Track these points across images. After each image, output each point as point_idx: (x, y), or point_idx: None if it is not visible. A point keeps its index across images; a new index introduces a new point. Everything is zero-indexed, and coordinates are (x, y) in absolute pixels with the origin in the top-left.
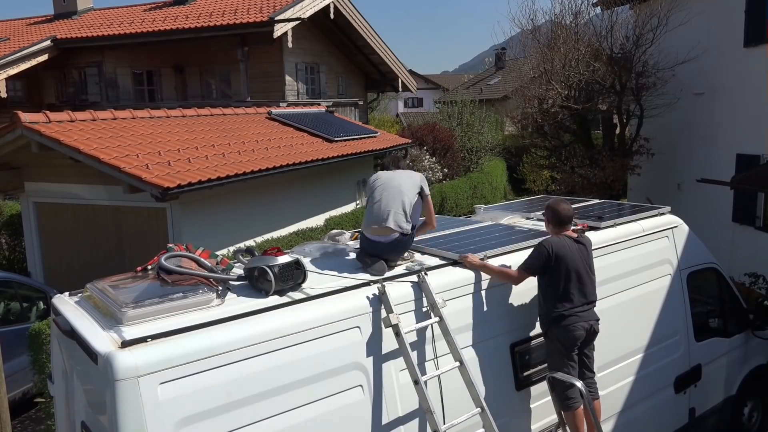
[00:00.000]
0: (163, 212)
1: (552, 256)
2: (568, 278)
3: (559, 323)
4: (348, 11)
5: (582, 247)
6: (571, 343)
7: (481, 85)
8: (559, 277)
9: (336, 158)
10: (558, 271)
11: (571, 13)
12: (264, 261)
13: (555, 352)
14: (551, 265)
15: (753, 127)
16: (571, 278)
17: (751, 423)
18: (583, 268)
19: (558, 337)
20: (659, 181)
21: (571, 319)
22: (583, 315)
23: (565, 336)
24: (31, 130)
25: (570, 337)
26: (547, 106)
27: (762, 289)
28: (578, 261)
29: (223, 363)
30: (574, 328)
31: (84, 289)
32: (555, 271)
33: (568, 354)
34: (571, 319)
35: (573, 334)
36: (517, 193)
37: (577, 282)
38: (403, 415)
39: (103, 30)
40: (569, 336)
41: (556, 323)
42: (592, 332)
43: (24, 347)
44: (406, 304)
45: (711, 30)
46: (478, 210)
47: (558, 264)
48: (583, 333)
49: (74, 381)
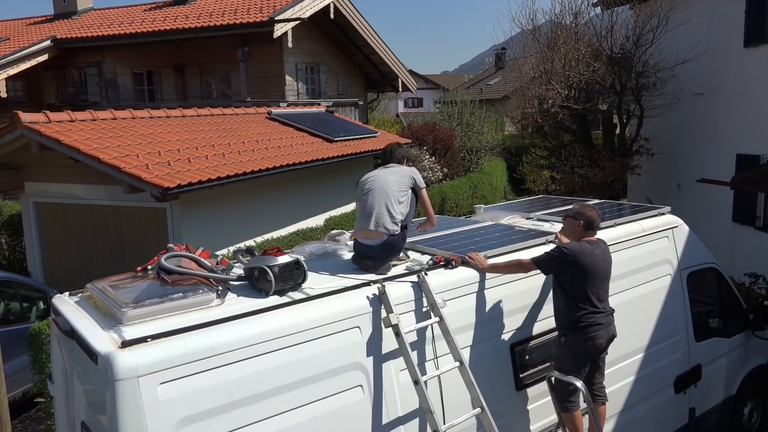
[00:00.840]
0: (163, 212)
1: (570, 261)
2: (592, 286)
3: (582, 332)
4: (348, 11)
5: (604, 250)
6: (593, 353)
7: (481, 85)
8: (581, 285)
9: (336, 158)
10: (579, 278)
11: (571, 13)
12: (264, 261)
13: (567, 357)
14: (569, 271)
15: (753, 127)
16: (594, 286)
17: (751, 423)
18: (602, 273)
19: (579, 346)
20: (659, 181)
21: (594, 328)
22: (606, 322)
23: (587, 345)
24: (31, 130)
25: (592, 347)
26: (547, 106)
27: (762, 289)
28: (599, 267)
29: (223, 363)
30: (597, 337)
31: (84, 289)
32: (576, 278)
33: (582, 363)
34: (595, 328)
35: (595, 343)
36: (517, 193)
37: (600, 289)
38: (403, 415)
39: (103, 30)
40: (592, 345)
41: (579, 331)
42: (611, 340)
43: (24, 347)
44: (406, 304)
45: (711, 30)
46: (478, 210)
47: (579, 270)
48: (604, 342)
49: (74, 381)
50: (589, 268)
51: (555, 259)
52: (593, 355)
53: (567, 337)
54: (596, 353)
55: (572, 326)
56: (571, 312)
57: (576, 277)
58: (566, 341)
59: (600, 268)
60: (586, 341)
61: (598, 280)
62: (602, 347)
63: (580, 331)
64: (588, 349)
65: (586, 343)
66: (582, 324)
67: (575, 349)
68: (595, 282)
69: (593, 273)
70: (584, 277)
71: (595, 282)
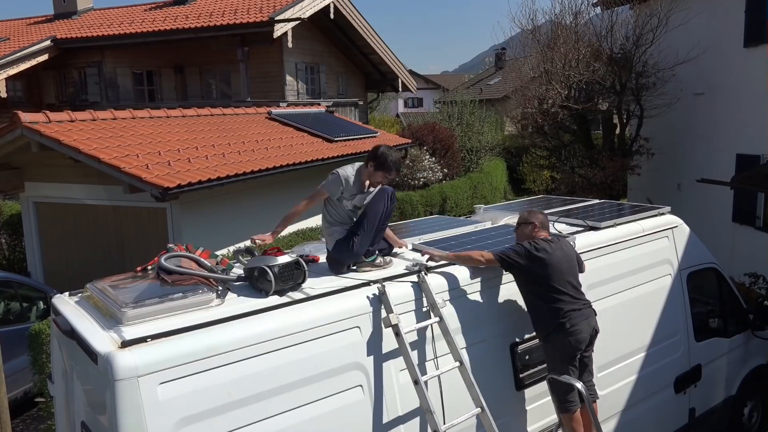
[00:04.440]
0: (163, 212)
1: (528, 256)
2: (556, 279)
3: (562, 328)
4: (348, 11)
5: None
6: (576, 348)
7: (481, 85)
8: (545, 279)
9: (336, 158)
10: (541, 272)
11: (571, 13)
12: (264, 261)
13: (556, 358)
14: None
15: (753, 127)
16: (558, 279)
17: (751, 423)
18: (566, 266)
19: (562, 343)
20: (659, 181)
21: (573, 321)
22: (584, 313)
23: (569, 341)
24: (31, 130)
25: (575, 341)
26: (547, 106)
27: (762, 289)
28: (560, 260)
29: (223, 363)
30: (578, 331)
31: (84, 289)
32: (537, 273)
33: (571, 361)
34: (574, 322)
35: (577, 337)
36: (517, 193)
37: (567, 282)
38: (403, 415)
39: (103, 30)
40: (574, 340)
41: (559, 329)
42: (595, 333)
43: (24, 347)
44: (406, 304)
45: (711, 30)
46: (478, 210)
47: (539, 264)
48: (586, 336)
49: (74, 381)
50: (548, 261)
51: (516, 252)
52: (578, 349)
53: (546, 333)
54: (581, 347)
55: (547, 322)
56: (541, 308)
57: (537, 271)
58: (547, 337)
59: (561, 259)
60: (568, 336)
61: (564, 272)
62: (585, 340)
63: (560, 329)
64: (572, 345)
65: (568, 339)
66: (560, 321)
67: (560, 348)
68: (560, 275)
69: (555, 266)
70: (545, 270)
71: (559, 275)
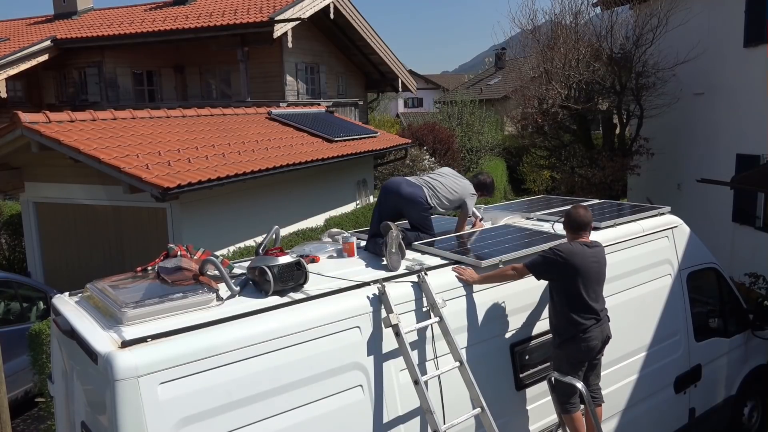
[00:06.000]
0: (163, 212)
1: (561, 263)
2: (584, 287)
3: (576, 335)
4: (348, 11)
5: (597, 251)
6: (587, 356)
7: (481, 85)
8: (573, 286)
9: (336, 158)
10: (572, 279)
11: (571, 13)
12: (264, 261)
13: (566, 360)
14: (561, 273)
15: (753, 127)
16: (586, 287)
17: (751, 423)
18: (595, 275)
19: (574, 350)
20: (659, 181)
21: (588, 330)
22: (600, 324)
23: (581, 348)
24: (31, 130)
25: (586, 348)
26: (547, 106)
27: (762, 289)
28: (592, 268)
29: (223, 363)
30: (591, 339)
31: (84, 289)
32: (568, 280)
33: (579, 366)
34: (589, 331)
35: (590, 344)
36: (517, 193)
37: (592, 291)
38: (403, 415)
39: (103, 30)
40: (586, 347)
41: (573, 335)
42: (607, 339)
43: (24, 347)
44: (406, 304)
45: (711, 30)
46: (478, 210)
47: (571, 272)
48: (599, 344)
49: (74, 381)
50: (581, 269)
51: (547, 260)
52: (589, 356)
53: (561, 339)
54: (591, 354)
55: (566, 329)
56: (564, 315)
57: (568, 278)
58: (561, 344)
59: (592, 270)
60: (580, 343)
61: (591, 282)
62: (597, 348)
63: (575, 335)
64: (583, 351)
65: (580, 345)
66: (576, 327)
67: (570, 351)
68: (588, 283)
69: (585, 274)
70: (576, 278)
71: (587, 283)
